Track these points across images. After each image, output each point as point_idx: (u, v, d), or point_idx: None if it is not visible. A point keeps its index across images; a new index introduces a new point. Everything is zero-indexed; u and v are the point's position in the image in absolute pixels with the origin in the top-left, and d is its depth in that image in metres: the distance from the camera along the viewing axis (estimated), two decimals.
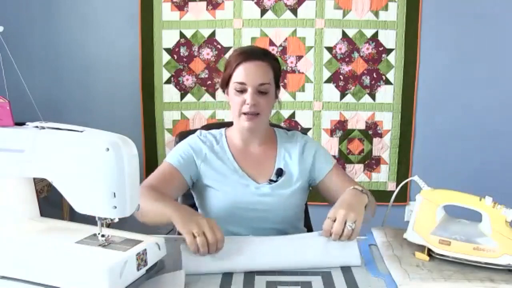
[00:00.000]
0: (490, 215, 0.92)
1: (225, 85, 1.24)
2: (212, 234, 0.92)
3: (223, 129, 1.34)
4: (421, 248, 0.97)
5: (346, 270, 0.93)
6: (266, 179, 1.24)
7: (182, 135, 1.52)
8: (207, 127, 1.48)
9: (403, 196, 2.50)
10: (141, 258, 0.85)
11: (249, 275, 0.91)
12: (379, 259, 0.99)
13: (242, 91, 1.19)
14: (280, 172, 1.25)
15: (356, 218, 0.98)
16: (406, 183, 1.13)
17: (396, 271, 0.90)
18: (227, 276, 0.90)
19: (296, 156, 1.27)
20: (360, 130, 2.53)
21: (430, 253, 0.96)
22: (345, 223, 0.97)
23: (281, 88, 1.38)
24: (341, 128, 2.53)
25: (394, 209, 1.15)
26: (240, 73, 1.18)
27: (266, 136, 1.31)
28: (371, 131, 2.53)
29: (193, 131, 1.52)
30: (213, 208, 1.23)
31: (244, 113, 1.19)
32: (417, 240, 0.98)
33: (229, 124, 1.34)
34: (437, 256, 0.95)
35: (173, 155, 1.26)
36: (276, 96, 1.27)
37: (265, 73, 1.19)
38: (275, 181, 1.23)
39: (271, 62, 1.22)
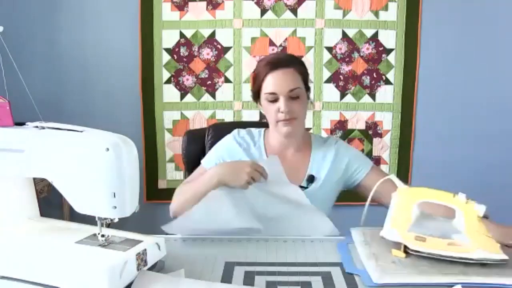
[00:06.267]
0: (463, 211, 0.93)
1: (257, 97, 1.28)
2: (257, 174, 1.09)
3: (262, 130, 1.37)
4: (398, 245, 0.97)
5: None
6: (297, 184, 1.24)
7: (190, 134, 1.53)
8: (214, 126, 1.49)
9: None
10: (141, 258, 0.85)
11: (249, 275, 0.91)
12: (356, 256, 0.99)
13: (274, 100, 1.22)
14: (311, 179, 1.27)
15: None
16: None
17: (372, 268, 0.91)
18: (227, 276, 0.90)
19: (330, 160, 1.30)
20: (360, 130, 2.53)
21: (406, 250, 0.96)
22: None
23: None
24: (341, 128, 2.53)
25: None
26: (269, 84, 1.21)
27: (303, 141, 1.33)
28: (371, 131, 2.53)
29: (202, 130, 1.54)
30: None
31: (280, 121, 1.22)
32: (394, 238, 0.98)
33: (240, 124, 1.38)
34: (413, 253, 0.95)
35: (209, 160, 1.31)
36: (308, 98, 1.30)
37: (293, 79, 1.21)
38: (305, 188, 1.25)
39: (297, 67, 1.24)
